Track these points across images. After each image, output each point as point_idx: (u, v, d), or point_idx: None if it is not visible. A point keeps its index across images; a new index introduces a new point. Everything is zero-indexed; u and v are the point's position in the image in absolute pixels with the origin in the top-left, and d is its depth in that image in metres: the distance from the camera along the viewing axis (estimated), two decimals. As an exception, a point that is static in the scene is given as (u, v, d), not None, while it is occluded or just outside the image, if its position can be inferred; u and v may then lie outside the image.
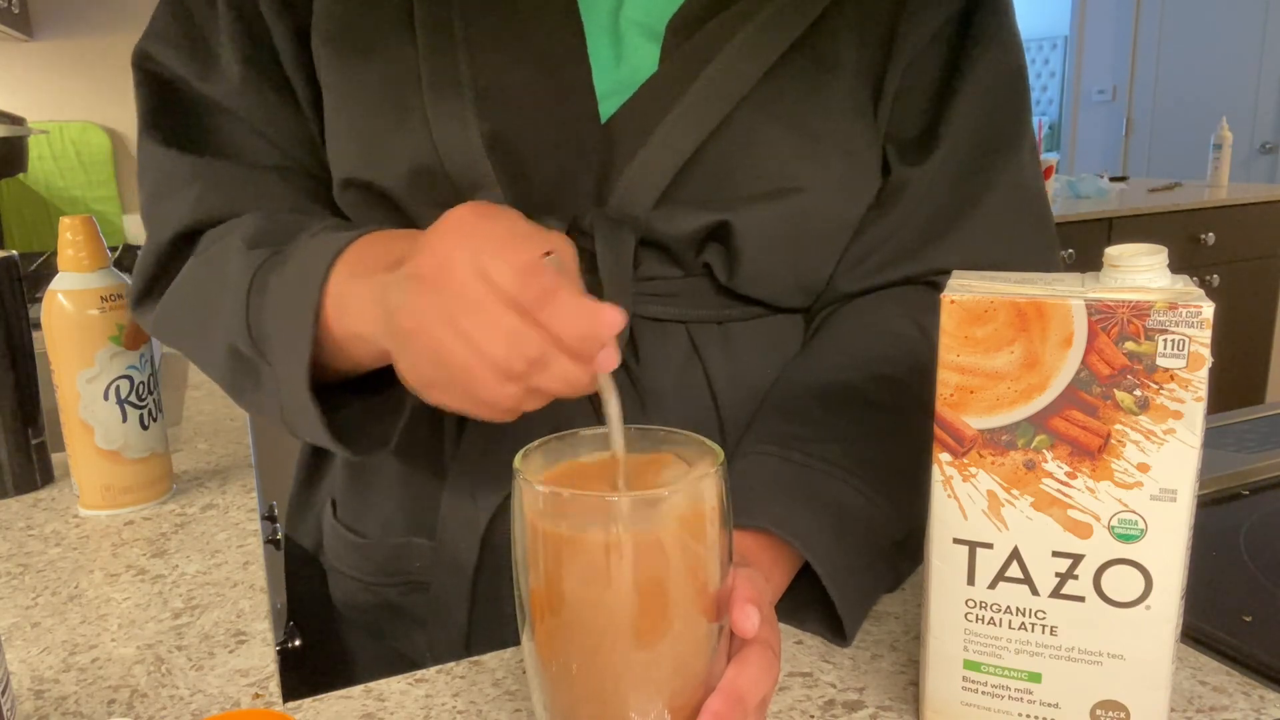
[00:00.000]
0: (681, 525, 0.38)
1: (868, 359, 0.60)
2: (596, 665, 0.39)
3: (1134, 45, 4.91)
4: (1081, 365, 0.40)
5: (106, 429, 0.74)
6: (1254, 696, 0.48)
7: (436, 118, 0.56)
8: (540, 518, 0.39)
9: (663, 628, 0.39)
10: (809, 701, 0.49)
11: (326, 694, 0.51)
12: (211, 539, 0.70)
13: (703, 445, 0.42)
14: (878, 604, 0.58)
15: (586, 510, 0.38)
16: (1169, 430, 0.39)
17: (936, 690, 0.46)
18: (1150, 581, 0.41)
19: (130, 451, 0.75)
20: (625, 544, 0.38)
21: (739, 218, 0.57)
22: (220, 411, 1.03)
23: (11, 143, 1.65)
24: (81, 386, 0.73)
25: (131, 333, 0.74)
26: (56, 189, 2.11)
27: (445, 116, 0.56)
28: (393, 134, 0.58)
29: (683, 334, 0.61)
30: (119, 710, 0.50)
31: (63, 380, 0.73)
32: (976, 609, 0.44)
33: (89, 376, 0.73)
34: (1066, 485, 0.41)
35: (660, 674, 0.40)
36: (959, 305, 0.41)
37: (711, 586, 0.40)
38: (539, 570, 0.39)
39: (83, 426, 0.74)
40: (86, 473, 0.75)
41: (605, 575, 0.38)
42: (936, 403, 0.42)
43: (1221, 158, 3.22)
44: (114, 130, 2.13)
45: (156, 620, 0.59)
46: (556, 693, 0.41)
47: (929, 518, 0.44)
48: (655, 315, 0.61)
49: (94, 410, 0.73)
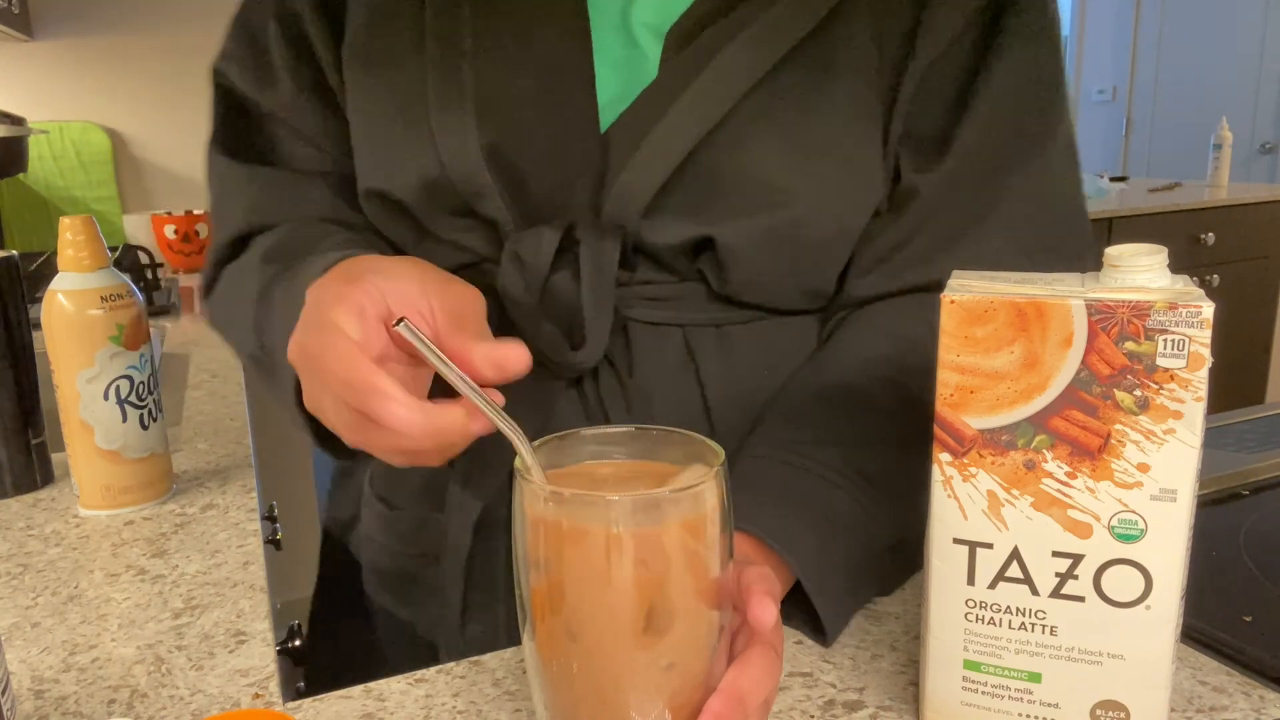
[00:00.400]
0: (682, 525, 0.38)
1: (875, 362, 0.59)
2: (597, 665, 0.39)
3: (1134, 45, 4.90)
4: (1081, 365, 0.40)
5: (106, 429, 0.74)
6: (1254, 696, 0.48)
7: (440, 130, 0.58)
8: (541, 517, 0.39)
9: (663, 628, 0.39)
10: (809, 701, 0.49)
11: (326, 694, 0.51)
12: (211, 539, 0.70)
13: (704, 445, 0.42)
14: (877, 604, 0.58)
15: (587, 510, 0.38)
16: (1169, 430, 0.39)
17: (936, 690, 0.46)
18: (1150, 581, 0.41)
19: (130, 451, 0.75)
20: (626, 544, 0.38)
21: (725, 230, 0.57)
22: (220, 411, 1.03)
23: (11, 143, 1.65)
24: (81, 386, 0.73)
25: (131, 332, 0.74)
26: (56, 189, 2.11)
27: (448, 128, 0.58)
28: (403, 146, 0.60)
29: (678, 337, 0.62)
30: (119, 710, 0.50)
31: (63, 380, 0.73)
32: (976, 609, 0.44)
33: (89, 376, 0.73)
34: (1066, 485, 0.41)
35: (660, 674, 0.40)
36: (959, 305, 0.41)
37: (712, 586, 0.40)
38: (540, 570, 0.39)
39: (83, 426, 0.74)
40: (86, 473, 0.75)
41: (606, 575, 0.38)
42: (936, 403, 0.42)
43: (1221, 158, 3.22)
44: (114, 130, 2.13)
45: (156, 620, 0.59)
46: (557, 693, 0.41)
47: (929, 517, 0.44)
48: (650, 319, 0.61)
49: (94, 410, 0.73)
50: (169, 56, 2.11)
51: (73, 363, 0.72)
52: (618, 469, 0.44)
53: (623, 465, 0.44)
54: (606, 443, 0.44)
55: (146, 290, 1.62)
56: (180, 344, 1.36)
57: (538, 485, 0.39)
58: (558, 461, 0.43)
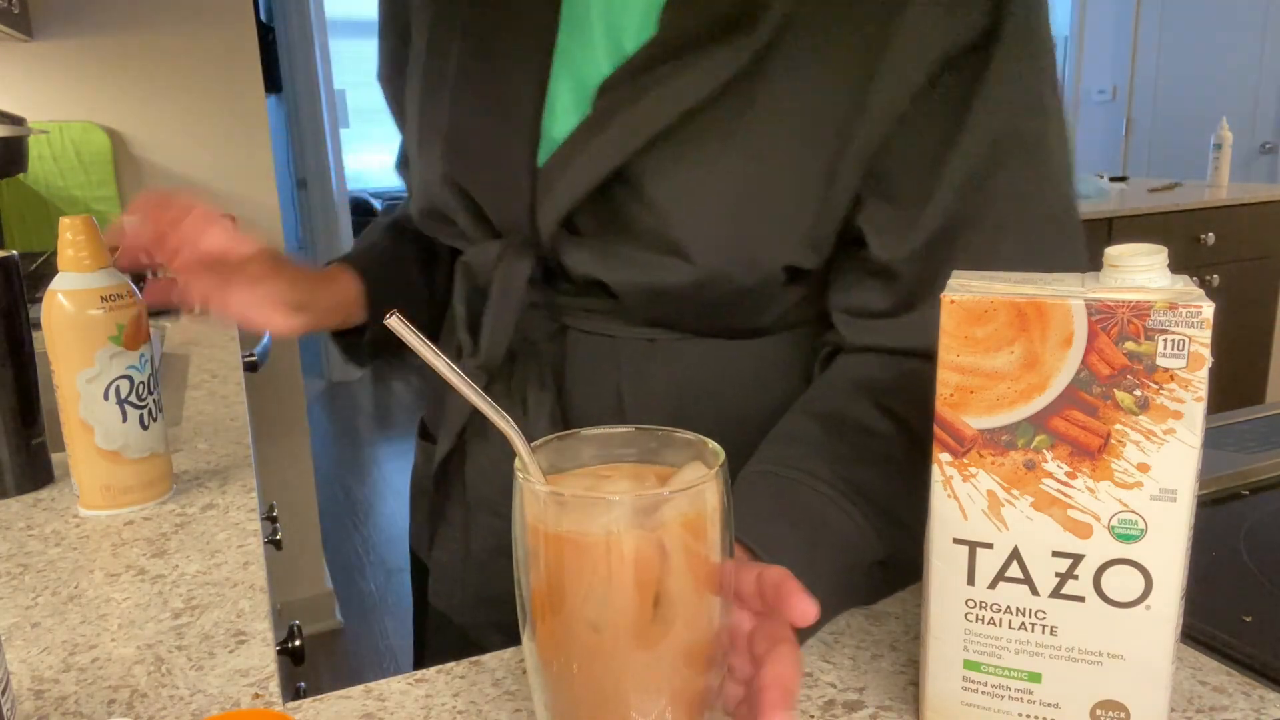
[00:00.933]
0: (683, 526, 0.38)
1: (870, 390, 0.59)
2: (597, 665, 0.39)
3: (1134, 45, 4.90)
4: (1081, 365, 0.40)
5: (107, 429, 0.74)
6: (1254, 696, 0.48)
7: (420, 160, 0.70)
8: (541, 518, 0.39)
9: (664, 627, 0.39)
10: (809, 701, 0.49)
11: (326, 694, 0.51)
12: (211, 539, 0.70)
13: (704, 446, 0.42)
14: (877, 604, 0.58)
15: (587, 511, 0.38)
16: (1169, 430, 0.39)
17: (936, 690, 0.46)
18: (1150, 581, 0.41)
19: (130, 451, 0.75)
20: (626, 545, 0.38)
21: (620, 282, 0.63)
22: (220, 411, 1.03)
23: (11, 143, 1.65)
24: (81, 386, 0.73)
25: (131, 332, 0.74)
26: (56, 189, 2.10)
27: (425, 161, 0.69)
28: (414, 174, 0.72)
29: (608, 347, 0.67)
30: (119, 710, 0.50)
31: (63, 380, 0.73)
32: (976, 609, 0.44)
33: (89, 376, 0.73)
34: (1066, 485, 0.41)
35: (661, 674, 0.40)
36: (959, 305, 0.41)
37: (712, 585, 0.40)
38: (540, 570, 0.39)
39: (83, 426, 0.74)
40: (86, 473, 0.75)
41: (606, 576, 0.38)
42: (936, 403, 0.42)
43: (1221, 158, 3.22)
44: (114, 130, 2.13)
45: (156, 620, 0.59)
46: (557, 693, 0.41)
47: (929, 518, 0.44)
48: (585, 328, 0.68)
49: (94, 410, 0.73)
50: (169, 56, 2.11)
51: (73, 362, 0.72)
52: (618, 470, 0.44)
53: (623, 466, 0.44)
54: (606, 444, 0.44)
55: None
56: (180, 344, 1.36)
57: (537, 486, 0.39)
58: (557, 463, 0.43)
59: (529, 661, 0.42)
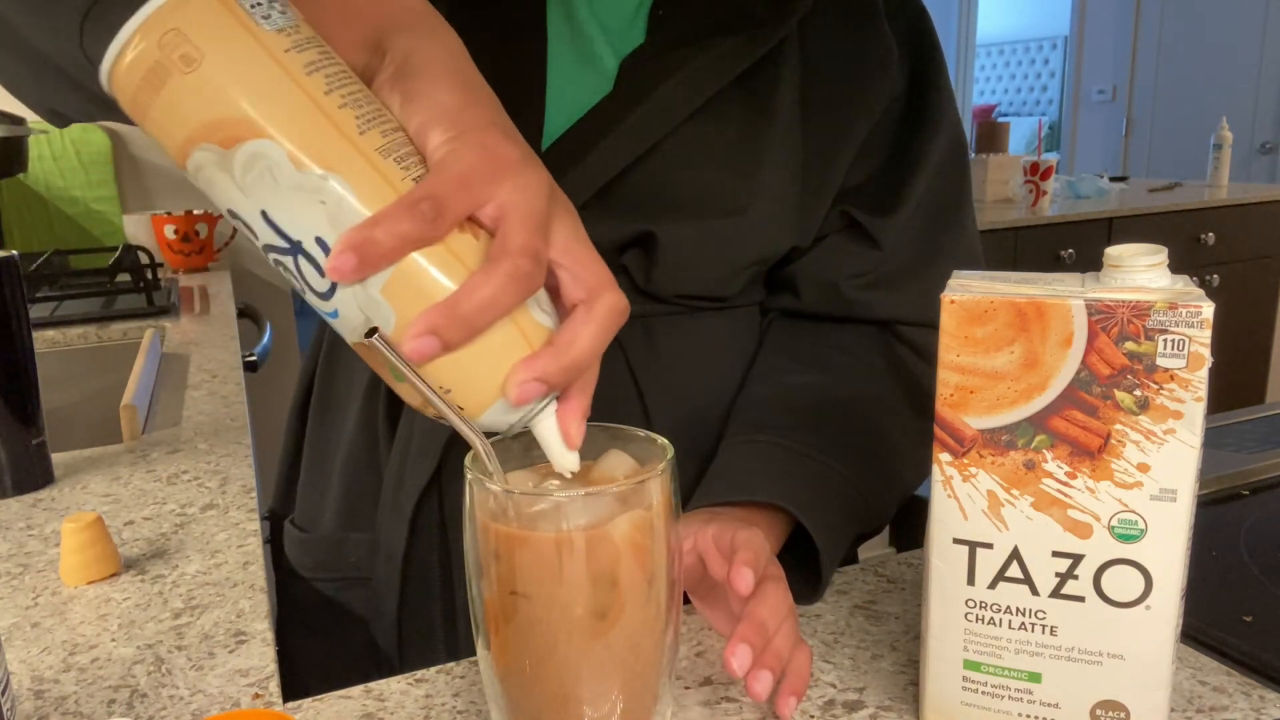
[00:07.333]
0: (631, 521, 0.39)
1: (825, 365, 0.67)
2: (554, 662, 0.40)
3: (1134, 45, 4.91)
4: (1081, 365, 0.40)
5: None
6: (1254, 696, 0.48)
7: None
8: (492, 518, 0.39)
9: (615, 619, 0.39)
10: (809, 701, 0.49)
11: (326, 694, 0.51)
12: (211, 539, 0.70)
13: (652, 441, 0.43)
14: (877, 604, 0.58)
15: (538, 508, 0.39)
16: (1169, 430, 0.39)
17: (936, 690, 0.46)
18: (1150, 581, 0.41)
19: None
20: (577, 540, 0.38)
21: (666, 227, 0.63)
22: (220, 411, 1.03)
23: (11, 143, 1.65)
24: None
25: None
26: (56, 189, 2.10)
27: None
28: None
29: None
30: (119, 710, 0.50)
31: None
32: (976, 609, 0.44)
33: None
34: (1066, 485, 0.41)
35: (614, 663, 0.40)
36: (959, 305, 0.41)
37: (661, 577, 0.41)
38: (491, 574, 0.40)
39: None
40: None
41: (558, 572, 0.39)
42: (936, 403, 0.42)
43: (1221, 158, 3.22)
44: (114, 130, 2.13)
45: (156, 620, 0.59)
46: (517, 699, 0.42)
47: (929, 518, 0.44)
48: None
49: None
50: (169, 56, 2.11)
51: None
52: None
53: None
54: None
55: (146, 290, 1.62)
56: (180, 344, 1.36)
57: (490, 487, 0.39)
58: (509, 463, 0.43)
59: (484, 673, 0.43)
